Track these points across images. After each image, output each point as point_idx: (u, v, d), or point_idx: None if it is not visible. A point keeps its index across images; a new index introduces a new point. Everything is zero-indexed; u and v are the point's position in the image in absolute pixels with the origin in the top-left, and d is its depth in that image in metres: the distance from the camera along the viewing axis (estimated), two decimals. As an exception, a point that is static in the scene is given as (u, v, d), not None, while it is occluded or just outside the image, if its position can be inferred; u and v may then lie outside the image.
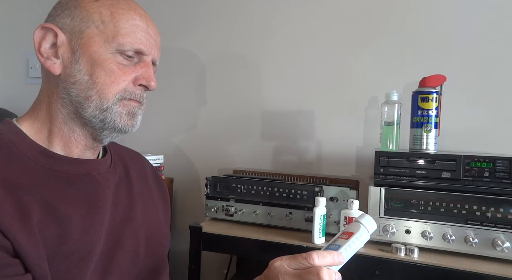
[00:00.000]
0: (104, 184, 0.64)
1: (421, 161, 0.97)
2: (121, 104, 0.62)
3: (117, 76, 0.60)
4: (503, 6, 1.18)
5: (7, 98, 1.83)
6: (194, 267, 1.06)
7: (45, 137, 0.62)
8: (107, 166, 0.68)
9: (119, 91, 0.61)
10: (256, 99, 1.46)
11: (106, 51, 0.60)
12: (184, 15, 1.56)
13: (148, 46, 0.63)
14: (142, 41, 0.62)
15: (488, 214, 0.88)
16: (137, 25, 0.62)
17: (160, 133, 1.58)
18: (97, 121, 0.61)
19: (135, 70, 0.63)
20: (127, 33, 0.60)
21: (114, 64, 0.60)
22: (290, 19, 1.42)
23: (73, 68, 0.60)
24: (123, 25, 0.60)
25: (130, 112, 0.63)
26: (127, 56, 0.61)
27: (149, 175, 0.79)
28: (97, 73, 0.59)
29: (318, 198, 0.98)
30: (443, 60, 1.23)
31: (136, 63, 0.63)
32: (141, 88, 0.64)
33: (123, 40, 0.60)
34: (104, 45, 0.60)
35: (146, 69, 0.63)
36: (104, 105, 0.60)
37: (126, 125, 0.63)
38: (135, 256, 0.65)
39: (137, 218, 0.68)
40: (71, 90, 0.60)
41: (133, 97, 0.62)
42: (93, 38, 0.60)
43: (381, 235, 0.96)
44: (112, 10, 0.61)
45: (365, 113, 1.32)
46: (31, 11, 1.81)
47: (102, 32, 0.60)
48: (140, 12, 0.64)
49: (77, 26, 0.60)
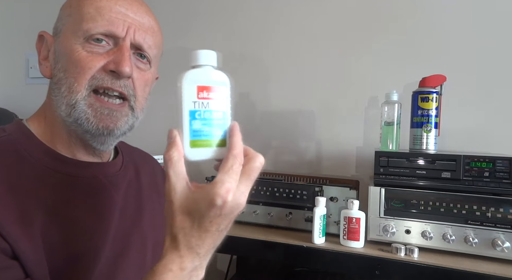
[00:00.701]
0: (111, 188, 0.63)
1: (421, 161, 0.97)
2: (88, 101, 0.56)
3: (84, 64, 0.56)
4: (503, 6, 1.18)
5: (7, 98, 1.83)
6: (194, 267, 1.06)
7: (50, 139, 0.61)
8: (116, 169, 0.66)
9: (86, 80, 0.56)
10: (256, 99, 1.46)
11: (74, 42, 0.56)
12: (184, 14, 1.55)
13: (121, 26, 0.57)
14: (109, 23, 0.56)
15: (488, 214, 0.88)
16: (103, 6, 0.57)
17: (160, 133, 1.57)
18: (72, 121, 0.57)
19: (108, 55, 0.57)
20: (92, 17, 0.56)
21: (81, 52, 0.56)
22: (290, 19, 1.41)
23: (56, 68, 0.60)
24: (87, 9, 0.57)
25: (99, 112, 0.57)
26: (95, 40, 0.56)
27: (158, 178, 0.79)
28: (68, 67, 0.57)
29: (318, 198, 0.98)
30: (443, 60, 1.23)
31: (110, 49, 0.57)
32: (114, 74, 0.57)
33: (87, 26, 0.56)
34: (72, 37, 0.57)
35: (118, 53, 0.56)
36: (73, 99, 0.56)
37: (98, 128, 0.57)
38: (141, 262, 0.64)
39: (144, 224, 0.67)
40: (55, 90, 0.59)
41: (101, 83, 0.56)
42: (64, 33, 0.59)
43: (381, 235, 0.96)
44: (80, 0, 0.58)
45: (365, 113, 1.32)
46: (31, 11, 1.81)
47: (71, 24, 0.58)
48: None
49: (58, 27, 0.61)
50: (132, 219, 0.65)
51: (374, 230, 0.96)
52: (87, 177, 0.61)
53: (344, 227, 0.96)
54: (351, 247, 0.95)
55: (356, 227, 0.95)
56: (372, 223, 0.97)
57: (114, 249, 0.60)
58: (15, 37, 1.84)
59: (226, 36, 1.50)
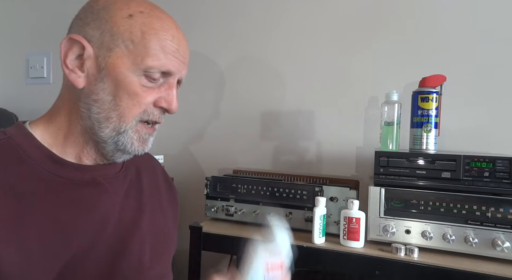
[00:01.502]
0: (111, 190, 0.63)
1: (421, 161, 0.97)
2: (135, 129, 0.61)
3: (140, 99, 0.59)
4: (503, 6, 1.18)
5: (7, 98, 1.83)
6: (194, 267, 1.06)
7: (59, 143, 0.61)
8: (116, 170, 0.67)
9: (139, 113, 0.60)
10: (256, 99, 1.46)
11: (133, 74, 0.58)
12: (184, 15, 1.55)
13: (177, 67, 0.61)
14: (170, 62, 0.59)
15: (488, 214, 0.88)
16: (167, 46, 0.59)
17: (160, 133, 1.57)
18: (111, 142, 0.60)
19: (159, 91, 0.61)
20: (156, 55, 0.58)
21: (139, 87, 0.59)
22: (290, 20, 1.41)
23: (97, 85, 0.58)
24: (153, 46, 0.58)
25: (141, 138, 0.62)
26: (153, 78, 0.59)
27: (159, 178, 0.79)
28: (120, 95, 0.58)
29: (318, 198, 0.98)
30: (443, 60, 1.23)
31: (161, 84, 0.61)
32: (163, 110, 0.63)
33: (152, 63, 0.58)
34: (131, 67, 0.58)
35: (170, 92, 0.61)
36: (122, 128, 0.59)
37: (137, 150, 0.63)
38: (139, 265, 0.64)
39: (144, 226, 0.66)
40: (92, 107, 0.59)
41: (151, 118, 0.61)
42: (121, 58, 0.57)
43: (381, 235, 0.96)
44: (144, 30, 0.58)
45: (365, 113, 1.32)
46: (31, 11, 1.81)
47: (131, 53, 0.57)
48: (173, 32, 0.61)
49: (105, 42, 0.58)
50: (132, 220, 0.65)
51: (374, 230, 0.97)
52: (86, 179, 0.61)
53: (344, 227, 0.96)
54: (351, 247, 0.95)
55: (356, 227, 0.95)
56: (372, 223, 0.97)
57: (112, 250, 0.60)
58: (15, 37, 1.84)
59: (227, 37, 1.50)
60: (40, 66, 1.75)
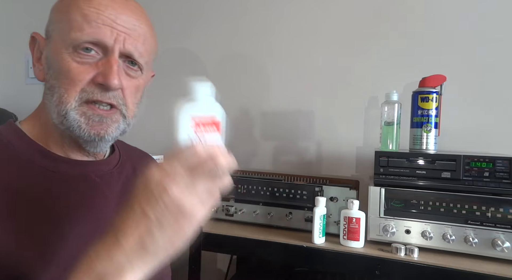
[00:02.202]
0: (103, 186, 0.63)
1: (421, 161, 0.97)
2: (79, 111, 0.56)
3: (74, 75, 0.55)
4: (503, 6, 1.18)
5: (7, 98, 1.83)
6: (194, 267, 1.06)
7: (44, 138, 0.62)
8: (109, 167, 0.67)
9: (77, 92, 0.56)
10: (256, 99, 1.46)
11: (64, 51, 0.55)
12: (184, 15, 1.55)
13: (110, 35, 0.55)
14: (98, 30, 0.54)
15: (488, 214, 0.88)
16: (90, 14, 0.54)
17: (160, 133, 1.57)
18: (65, 129, 0.57)
19: (97, 66, 0.56)
20: (79, 25, 0.54)
21: (71, 63, 0.55)
22: (290, 20, 1.41)
23: (48, 74, 0.59)
24: (74, 17, 0.55)
25: (91, 120, 0.57)
26: (83, 50, 0.55)
27: None
28: (59, 77, 0.56)
29: (318, 198, 0.98)
30: (443, 60, 1.23)
31: (99, 60, 0.56)
32: (103, 87, 0.56)
33: (74, 34, 0.54)
34: (61, 45, 0.56)
35: (107, 65, 0.55)
36: (63, 110, 0.56)
37: (90, 135, 0.57)
38: None
39: None
40: (47, 96, 0.59)
41: (91, 97, 0.56)
42: (54, 39, 0.57)
43: (381, 235, 0.96)
44: (68, 3, 0.56)
45: (365, 113, 1.32)
46: (31, 11, 1.81)
47: (60, 30, 0.57)
48: (102, 0, 0.56)
49: (49, 31, 0.59)
50: None
51: (374, 230, 0.96)
52: (77, 175, 0.61)
53: (344, 227, 0.96)
54: (351, 247, 0.95)
55: (356, 227, 0.95)
56: (372, 223, 0.97)
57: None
58: (15, 37, 1.84)
59: (227, 37, 1.50)
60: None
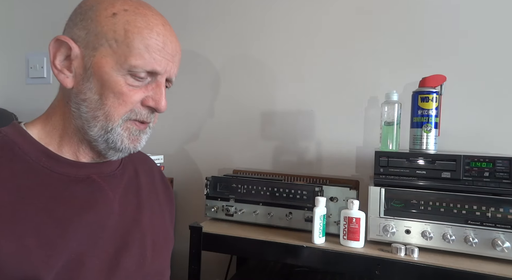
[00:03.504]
0: (106, 187, 0.63)
1: (421, 161, 0.97)
2: (124, 126, 0.61)
3: (126, 98, 0.59)
4: (503, 6, 1.18)
5: (7, 98, 1.83)
6: (194, 267, 1.06)
7: (55, 142, 0.62)
8: (112, 168, 0.67)
9: (126, 112, 0.60)
10: (256, 99, 1.46)
11: (117, 73, 0.58)
12: (185, 16, 1.56)
13: (163, 65, 0.60)
14: (155, 61, 0.59)
15: (488, 214, 0.88)
16: (152, 44, 0.58)
17: (160, 133, 1.58)
18: (102, 141, 0.60)
19: (146, 90, 0.61)
20: (140, 54, 0.58)
21: (124, 86, 0.59)
22: (290, 20, 1.41)
23: (84, 85, 0.59)
24: (137, 45, 0.57)
25: (132, 134, 0.62)
26: (138, 77, 0.59)
27: (156, 178, 0.79)
28: (106, 94, 0.58)
29: (318, 198, 0.98)
30: (443, 60, 1.23)
31: (148, 83, 0.61)
32: (151, 109, 0.62)
33: (135, 62, 0.57)
34: (115, 66, 0.58)
35: (157, 90, 0.61)
36: (109, 126, 0.59)
37: (128, 148, 0.62)
38: (141, 259, 0.64)
39: (144, 222, 0.67)
40: (81, 106, 0.60)
41: (139, 117, 0.61)
42: (105, 57, 0.58)
43: (381, 235, 0.96)
44: (127, 28, 0.57)
45: (365, 113, 1.32)
46: (31, 11, 1.81)
47: (115, 52, 0.58)
48: (158, 29, 0.60)
49: (91, 42, 0.58)
50: (132, 217, 0.66)
51: (374, 230, 0.97)
52: (81, 176, 0.61)
53: (344, 227, 0.96)
54: (351, 247, 0.95)
55: (356, 227, 0.95)
56: (372, 223, 0.97)
57: (115, 246, 0.61)
58: (15, 37, 1.84)
59: (227, 37, 1.50)
60: (40, 66, 1.75)
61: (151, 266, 0.66)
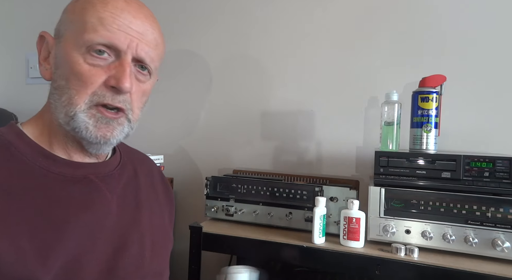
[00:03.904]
0: (103, 187, 0.63)
1: (421, 161, 0.97)
2: (89, 113, 0.57)
3: (86, 78, 0.56)
4: (503, 6, 1.18)
5: (7, 98, 1.83)
6: (194, 267, 1.06)
7: (47, 140, 0.61)
8: (110, 168, 0.67)
9: (88, 95, 0.56)
10: (256, 99, 1.46)
11: (76, 52, 0.56)
12: (185, 15, 1.55)
13: (122, 39, 0.56)
14: (112, 34, 0.55)
15: (488, 214, 0.88)
16: (106, 17, 0.55)
17: (160, 133, 1.58)
18: (70, 130, 0.58)
19: (109, 70, 0.57)
20: (94, 27, 0.55)
21: (83, 65, 0.56)
22: (290, 20, 1.41)
23: (56, 73, 0.59)
24: (89, 19, 0.55)
25: (99, 122, 0.58)
26: (96, 52, 0.56)
27: (156, 179, 0.79)
28: (70, 78, 0.56)
29: (318, 198, 0.98)
30: (443, 60, 1.23)
31: (111, 63, 0.57)
32: (114, 90, 0.57)
33: (88, 36, 0.55)
34: (74, 46, 0.56)
35: (120, 68, 0.57)
36: (72, 111, 0.56)
37: (96, 137, 0.58)
38: (140, 260, 0.64)
39: (143, 222, 0.67)
40: (54, 95, 0.59)
41: (102, 100, 0.57)
42: (66, 39, 0.57)
43: (381, 235, 0.96)
44: (83, 6, 0.57)
45: (365, 113, 1.32)
46: (31, 11, 1.81)
47: (73, 31, 0.57)
48: (116, 3, 0.57)
49: (60, 31, 0.59)
50: (131, 217, 0.66)
51: (374, 230, 0.97)
52: (78, 176, 0.61)
53: (344, 227, 0.96)
54: (351, 247, 0.95)
55: (356, 227, 0.95)
56: (372, 223, 0.97)
57: (113, 246, 0.61)
58: (15, 37, 1.84)
59: (227, 37, 1.50)
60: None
61: (149, 266, 0.66)
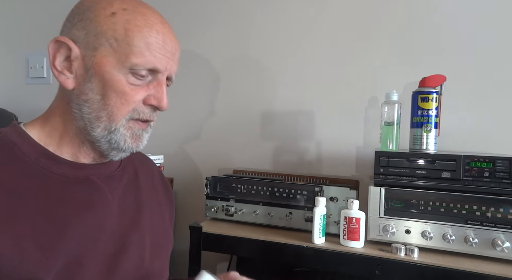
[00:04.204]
0: (105, 188, 0.63)
1: (421, 161, 0.97)
2: (127, 126, 0.61)
3: (128, 97, 0.59)
4: (503, 6, 1.18)
5: (7, 98, 1.83)
6: (194, 267, 1.06)
7: (55, 143, 0.62)
8: (111, 169, 0.67)
9: (129, 112, 0.60)
10: (256, 99, 1.46)
11: (119, 72, 0.58)
12: (186, 16, 1.56)
13: (164, 63, 0.60)
14: (156, 59, 0.59)
15: (488, 214, 0.88)
16: (152, 42, 0.59)
17: (160, 133, 1.58)
18: (105, 141, 0.60)
19: (148, 89, 0.61)
20: (141, 52, 0.58)
21: (126, 85, 0.59)
22: (290, 20, 1.41)
23: (85, 86, 0.59)
24: (137, 43, 0.58)
25: (134, 134, 0.62)
26: (140, 75, 0.59)
27: (156, 179, 0.79)
28: (108, 94, 0.58)
29: (318, 198, 0.98)
30: (443, 60, 1.23)
31: (149, 81, 0.61)
32: (153, 108, 0.62)
33: (137, 60, 0.58)
34: (117, 66, 0.58)
35: (159, 89, 0.61)
36: (113, 127, 0.60)
37: (131, 147, 0.62)
38: (139, 260, 0.64)
39: (143, 223, 0.67)
40: (83, 107, 0.59)
41: (141, 116, 0.61)
42: (106, 57, 0.58)
43: (381, 235, 0.96)
44: (127, 27, 0.58)
45: (365, 113, 1.32)
46: (31, 11, 1.81)
47: (116, 51, 0.58)
48: (158, 27, 0.60)
49: (91, 42, 0.58)
50: (132, 218, 0.66)
51: (374, 230, 0.97)
52: (80, 177, 0.61)
53: (344, 227, 0.96)
54: (351, 247, 0.95)
55: (356, 227, 0.95)
56: (372, 223, 0.97)
57: (114, 247, 0.61)
58: (15, 37, 1.84)
59: (227, 37, 1.50)
60: (40, 66, 1.75)
61: (149, 267, 0.66)
